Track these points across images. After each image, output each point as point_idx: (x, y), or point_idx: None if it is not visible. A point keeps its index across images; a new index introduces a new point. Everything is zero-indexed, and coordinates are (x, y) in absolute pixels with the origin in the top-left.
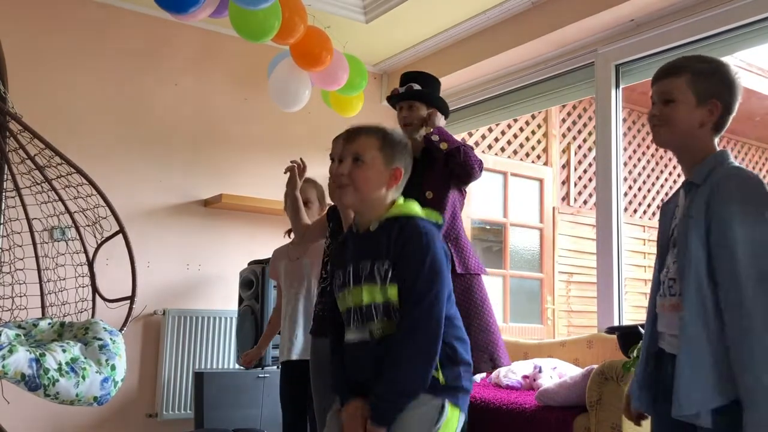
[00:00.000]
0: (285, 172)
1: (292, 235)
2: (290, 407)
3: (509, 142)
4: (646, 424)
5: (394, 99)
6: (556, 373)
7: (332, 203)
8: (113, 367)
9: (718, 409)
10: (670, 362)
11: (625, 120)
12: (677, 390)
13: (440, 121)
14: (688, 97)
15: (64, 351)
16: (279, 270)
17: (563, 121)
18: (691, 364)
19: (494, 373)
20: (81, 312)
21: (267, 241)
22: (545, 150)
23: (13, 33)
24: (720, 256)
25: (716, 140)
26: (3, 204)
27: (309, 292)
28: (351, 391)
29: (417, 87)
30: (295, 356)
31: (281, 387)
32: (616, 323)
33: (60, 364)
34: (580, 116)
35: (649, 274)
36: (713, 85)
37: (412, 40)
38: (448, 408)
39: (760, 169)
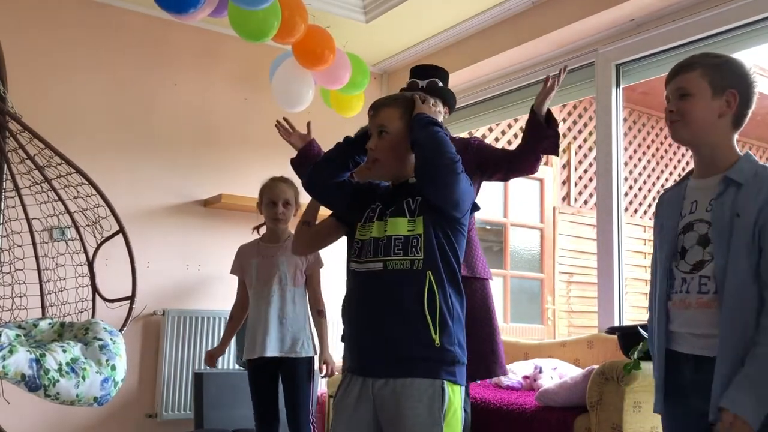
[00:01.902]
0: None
1: (262, 231)
2: (262, 405)
3: (509, 142)
4: (647, 424)
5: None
6: (557, 374)
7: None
8: (113, 368)
9: None
10: (688, 363)
11: (625, 120)
12: (719, 394)
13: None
14: (704, 89)
15: (64, 351)
16: (249, 267)
17: (563, 121)
18: (733, 369)
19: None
20: (81, 312)
21: None
22: None
23: (13, 33)
24: None
25: (736, 137)
26: (3, 204)
27: (284, 290)
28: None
29: (440, 84)
30: (269, 353)
31: (254, 385)
32: (616, 323)
33: (60, 364)
34: (580, 116)
35: (650, 275)
36: (728, 75)
37: (412, 40)
38: (448, 388)
39: None
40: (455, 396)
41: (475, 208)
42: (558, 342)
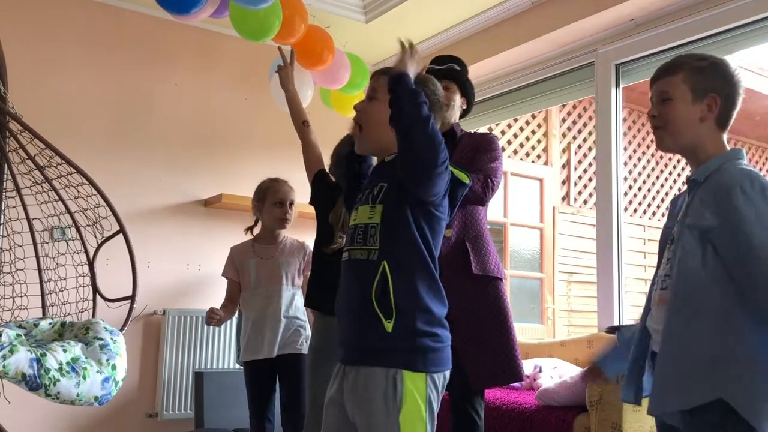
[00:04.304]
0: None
1: (256, 230)
2: (261, 404)
3: (509, 142)
4: (647, 423)
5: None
6: (557, 373)
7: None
8: (114, 367)
9: (693, 409)
10: (653, 361)
11: (625, 120)
12: (655, 387)
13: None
14: (684, 93)
15: (64, 351)
16: (246, 268)
17: (563, 120)
18: (671, 361)
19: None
20: (81, 312)
21: None
22: (545, 150)
23: (13, 33)
24: (729, 241)
25: (725, 137)
26: (3, 204)
27: (287, 291)
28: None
29: (457, 68)
30: (276, 353)
31: (254, 385)
32: (616, 323)
33: (61, 363)
34: (580, 116)
35: (650, 274)
36: (710, 79)
37: (412, 40)
38: (405, 377)
39: (760, 169)
40: (414, 384)
41: (460, 187)
42: (558, 341)
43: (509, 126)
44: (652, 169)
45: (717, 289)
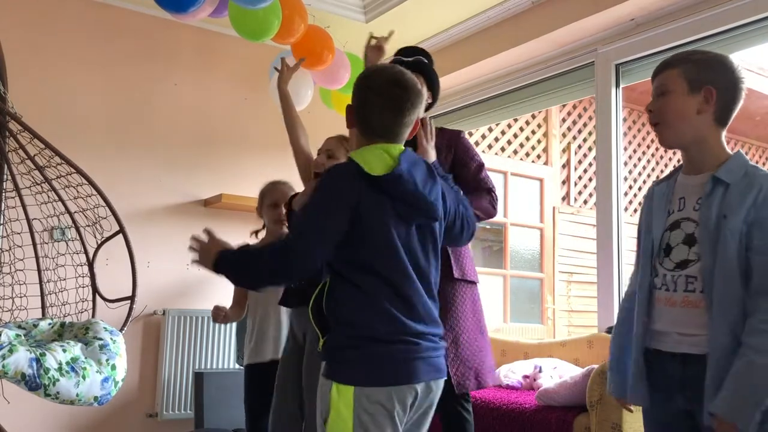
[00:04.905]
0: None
1: (260, 235)
2: (259, 405)
3: (509, 142)
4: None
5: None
6: (557, 373)
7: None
8: (113, 367)
9: None
10: (675, 362)
11: (625, 120)
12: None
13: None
14: (680, 85)
15: (64, 351)
16: None
17: (563, 120)
18: (723, 369)
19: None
20: (81, 312)
21: None
22: (545, 150)
23: (13, 33)
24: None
25: (723, 135)
26: (3, 204)
27: None
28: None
29: (425, 61)
30: (268, 358)
31: (253, 386)
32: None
33: (60, 363)
34: (580, 116)
35: None
36: (706, 72)
37: (412, 40)
38: (333, 388)
39: None
40: (340, 397)
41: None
42: (558, 342)
43: (509, 126)
44: (653, 169)
45: (741, 286)
